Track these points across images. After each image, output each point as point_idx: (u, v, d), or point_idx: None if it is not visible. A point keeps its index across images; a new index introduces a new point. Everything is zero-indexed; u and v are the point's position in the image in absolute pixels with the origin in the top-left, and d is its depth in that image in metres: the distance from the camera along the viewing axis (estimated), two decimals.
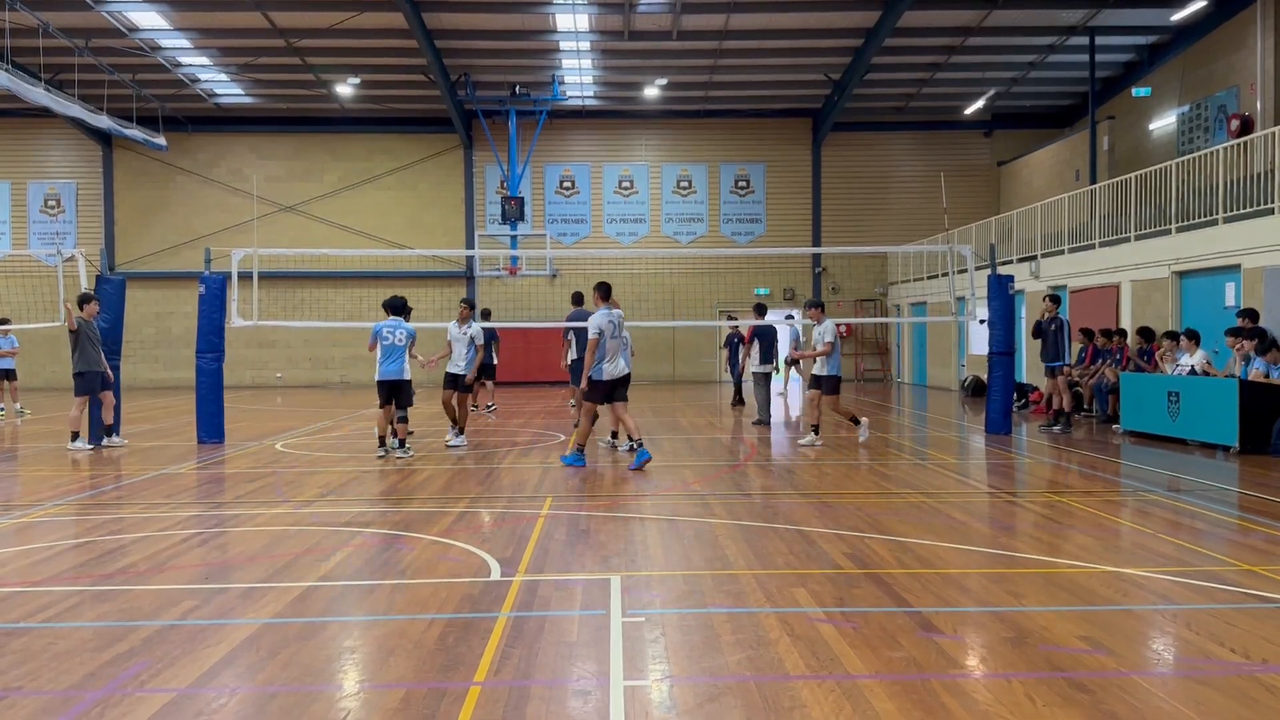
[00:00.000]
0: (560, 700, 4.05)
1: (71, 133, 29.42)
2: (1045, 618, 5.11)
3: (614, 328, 10.85)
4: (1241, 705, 3.94)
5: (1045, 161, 27.83)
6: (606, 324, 10.77)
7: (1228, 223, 14.90)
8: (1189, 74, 22.82)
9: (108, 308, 13.81)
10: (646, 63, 26.29)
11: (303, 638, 4.88)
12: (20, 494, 9.69)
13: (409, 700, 4.04)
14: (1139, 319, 17.06)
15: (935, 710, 3.89)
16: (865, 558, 6.48)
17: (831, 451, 12.50)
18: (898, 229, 29.92)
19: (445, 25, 23.48)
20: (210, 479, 10.54)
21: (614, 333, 10.85)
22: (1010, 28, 23.63)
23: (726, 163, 30.85)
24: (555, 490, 9.49)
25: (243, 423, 17.04)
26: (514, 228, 27.73)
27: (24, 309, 23.14)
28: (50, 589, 5.84)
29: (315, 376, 30.32)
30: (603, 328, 10.72)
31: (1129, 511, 8.32)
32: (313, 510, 8.47)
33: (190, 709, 3.97)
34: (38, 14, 20.61)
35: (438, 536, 7.27)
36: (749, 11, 22.64)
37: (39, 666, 4.45)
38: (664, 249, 29.76)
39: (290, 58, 24.99)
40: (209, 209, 30.05)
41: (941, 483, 9.88)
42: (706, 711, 3.91)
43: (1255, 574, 6.00)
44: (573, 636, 4.85)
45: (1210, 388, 12.37)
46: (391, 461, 11.61)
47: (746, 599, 5.50)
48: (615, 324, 10.88)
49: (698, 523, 7.76)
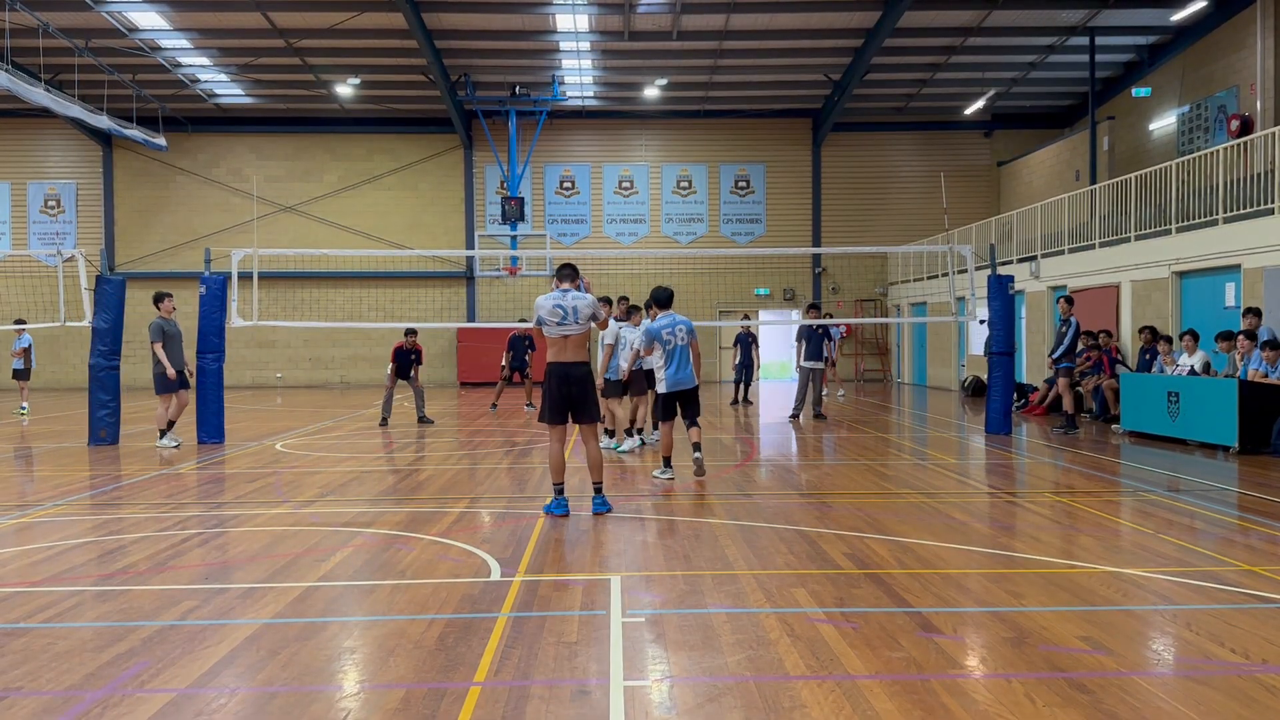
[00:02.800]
0: (560, 700, 4.05)
1: (71, 133, 29.42)
2: (1045, 618, 5.11)
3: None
4: (1241, 705, 3.94)
5: (1045, 162, 27.82)
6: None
7: (1228, 223, 14.90)
8: (1189, 74, 22.81)
9: (108, 308, 13.84)
10: (646, 63, 26.29)
11: (303, 638, 4.88)
12: (21, 494, 9.69)
13: (409, 700, 4.04)
14: (1139, 319, 17.07)
15: (935, 710, 3.89)
16: (865, 558, 6.48)
17: (832, 452, 12.50)
18: (898, 229, 29.92)
19: (445, 25, 23.48)
20: (210, 479, 10.54)
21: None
22: (1010, 28, 23.63)
23: (726, 163, 30.85)
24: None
25: (243, 423, 17.04)
26: (514, 228, 27.73)
27: (24, 309, 23.16)
28: (50, 589, 5.84)
29: (315, 376, 30.31)
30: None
31: (1129, 511, 8.32)
32: (313, 510, 8.47)
33: (190, 709, 3.97)
34: (38, 14, 20.60)
35: (438, 536, 7.27)
36: (749, 11, 22.64)
37: (39, 666, 4.45)
38: (664, 249, 29.75)
39: (290, 58, 24.99)
40: (209, 209, 30.04)
41: (941, 483, 9.88)
42: (706, 711, 3.91)
43: (1255, 574, 6.00)
44: (573, 636, 4.85)
45: (1210, 388, 12.37)
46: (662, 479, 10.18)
47: (746, 599, 5.50)
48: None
49: (698, 523, 7.76)
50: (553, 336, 8.08)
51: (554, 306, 8.05)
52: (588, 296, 8.29)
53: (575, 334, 8.06)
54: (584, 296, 8.21)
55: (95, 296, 13.97)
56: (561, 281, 8.26)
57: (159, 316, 13.27)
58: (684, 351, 10.17)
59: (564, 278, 8.26)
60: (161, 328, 13.13)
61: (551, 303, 8.07)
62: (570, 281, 8.25)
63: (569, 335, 8.05)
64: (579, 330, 8.06)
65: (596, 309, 8.26)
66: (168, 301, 13.45)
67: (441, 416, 18.28)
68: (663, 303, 10.17)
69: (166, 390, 13.19)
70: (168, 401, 13.27)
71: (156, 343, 13.01)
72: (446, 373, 29.86)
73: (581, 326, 8.06)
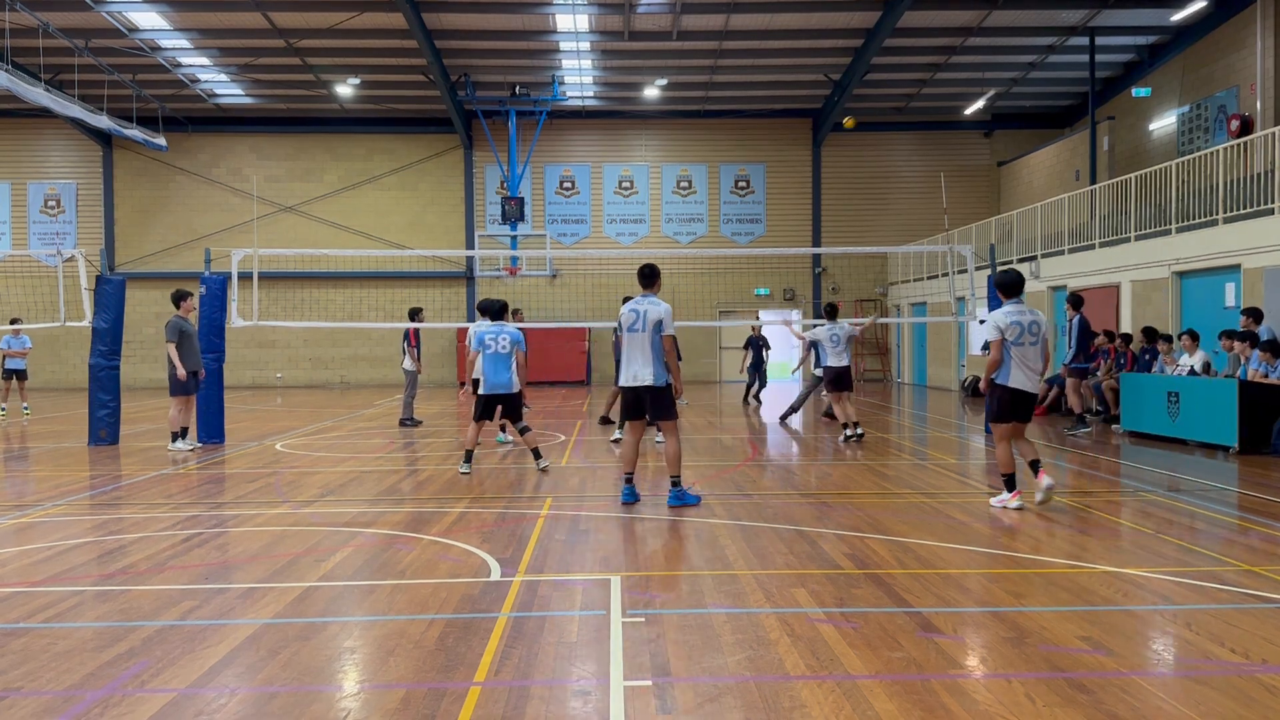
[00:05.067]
0: (560, 700, 4.05)
1: (71, 133, 29.43)
2: (1045, 618, 5.11)
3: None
4: (1241, 705, 3.94)
5: (1045, 161, 27.83)
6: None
7: (1228, 223, 14.90)
8: (1189, 74, 22.82)
9: (107, 307, 13.83)
10: (646, 63, 26.30)
11: (303, 638, 4.88)
12: (21, 494, 9.69)
13: (409, 700, 4.04)
14: (1139, 319, 17.07)
15: (935, 710, 3.89)
16: (865, 558, 6.48)
17: (832, 452, 12.50)
18: (898, 229, 29.93)
19: (445, 25, 23.48)
20: (210, 479, 10.54)
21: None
22: (1010, 28, 23.63)
23: (726, 163, 30.85)
24: (555, 490, 9.49)
25: (243, 423, 17.04)
26: (514, 228, 27.75)
27: (24, 309, 23.15)
28: (50, 589, 5.84)
29: (315, 376, 30.32)
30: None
31: (1129, 511, 8.32)
32: (313, 510, 8.47)
33: (190, 709, 3.97)
34: (38, 14, 20.61)
35: (438, 536, 7.27)
36: (749, 11, 22.65)
37: (39, 666, 4.45)
38: (664, 249, 29.74)
39: (290, 58, 25.00)
40: (209, 209, 30.05)
41: (941, 483, 9.88)
42: (706, 711, 3.91)
43: (1255, 574, 6.00)
44: (573, 636, 4.85)
45: (1210, 388, 12.37)
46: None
47: (746, 599, 5.50)
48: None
49: (698, 523, 7.76)
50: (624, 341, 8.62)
51: (628, 311, 8.53)
52: (662, 304, 8.51)
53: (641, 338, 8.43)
54: (658, 304, 8.48)
55: (95, 296, 13.96)
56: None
57: (176, 315, 12.97)
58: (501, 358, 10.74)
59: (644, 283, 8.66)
60: (179, 327, 12.83)
61: (627, 307, 8.58)
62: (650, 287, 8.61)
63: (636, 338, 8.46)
64: (647, 335, 8.39)
65: (666, 316, 8.44)
66: (188, 301, 13.12)
67: (441, 417, 18.29)
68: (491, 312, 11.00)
69: (182, 392, 12.93)
70: (181, 404, 12.98)
71: (171, 342, 12.75)
72: (446, 373, 29.86)
73: (649, 332, 8.38)
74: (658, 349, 8.41)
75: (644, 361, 8.42)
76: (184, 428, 13.03)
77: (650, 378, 8.41)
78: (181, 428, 12.97)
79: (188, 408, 13.13)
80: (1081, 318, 14.45)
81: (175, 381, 12.88)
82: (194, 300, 13.36)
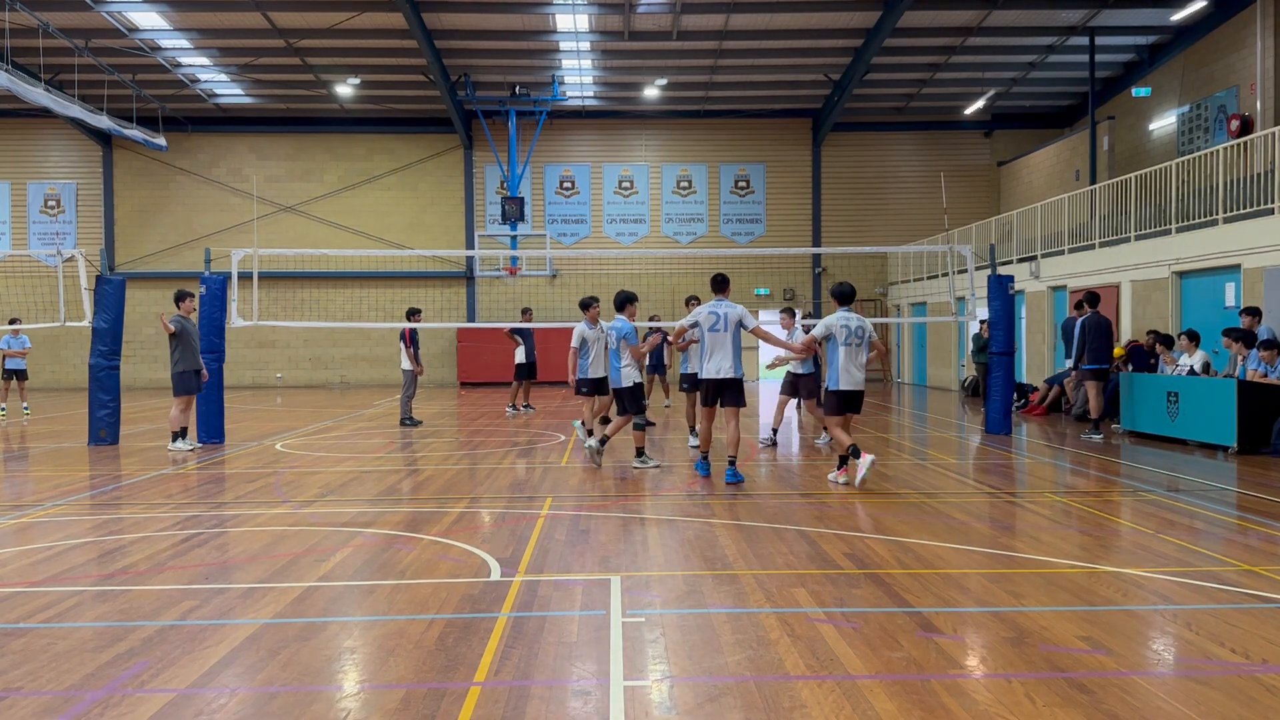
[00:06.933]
0: (560, 700, 4.05)
1: (71, 133, 29.42)
2: (1045, 618, 5.11)
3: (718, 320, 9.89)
4: (1241, 705, 3.94)
5: (1045, 161, 27.83)
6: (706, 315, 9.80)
7: (1228, 223, 14.90)
8: (1189, 74, 22.82)
9: (107, 308, 13.83)
10: (646, 63, 26.29)
11: (303, 638, 4.88)
12: (21, 494, 9.69)
13: (409, 700, 4.04)
14: (1139, 319, 17.08)
15: (935, 710, 3.89)
16: (865, 558, 6.48)
17: (832, 452, 12.50)
18: (898, 229, 29.92)
19: (445, 25, 23.48)
20: (210, 479, 10.54)
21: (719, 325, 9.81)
22: (1010, 28, 23.63)
23: (726, 163, 30.85)
24: (555, 490, 9.49)
25: (243, 423, 17.04)
26: (514, 228, 27.73)
27: (24, 309, 23.15)
28: (50, 589, 5.84)
29: (315, 376, 30.31)
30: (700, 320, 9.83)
31: (1129, 511, 8.32)
32: (313, 510, 8.47)
33: (190, 709, 3.97)
34: (38, 14, 20.60)
35: (438, 536, 7.27)
36: (749, 11, 22.64)
37: (39, 666, 4.45)
38: (664, 249, 29.75)
39: (290, 58, 24.99)
40: (209, 209, 30.04)
41: (941, 483, 9.88)
42: (706, 711, 3.91)
43: (1255, 574, 6.00)
44: (573, 636, 4.85)
45: (1209, 388, 12.37)
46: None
47: (746, 599, 5.50)
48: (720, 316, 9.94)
49: (698, 523, 7.76)
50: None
51: (708, 313, 9.62)
52: (737, 305, 9.66)
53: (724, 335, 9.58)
54: (734, 305, 9.64)
55: (95, 296, 13.96)
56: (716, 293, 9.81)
57: (177, 314, 13.00)
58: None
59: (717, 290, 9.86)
60: (181, 324, 12.88)
61: (706, 310, 9.67)
62: (722, 292, 9.80)
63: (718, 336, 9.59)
64: (729, 334, 9.57)
65: (745, 314, 9.61)
66: (189, 301, 13.17)
67: (441, 417, 18.29)
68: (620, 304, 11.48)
69: (185, 392, 12.93)
70: (184, 404, 12.97)
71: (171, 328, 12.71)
72: (446, 373, 29.86)
73: (731, 331, 9.56)
74: (738, 346, 9.60)
75: (725, 356, 9.56)
76: (184, 428, 13.02)
77: (732, 371, 9.57)
78: (181, 428, 12.96)
79: (189, 408, 13.13)
80: (1096, 316, 13.99)
81: (179, 381, 12.88)
82: (194, 300, 13.40)
